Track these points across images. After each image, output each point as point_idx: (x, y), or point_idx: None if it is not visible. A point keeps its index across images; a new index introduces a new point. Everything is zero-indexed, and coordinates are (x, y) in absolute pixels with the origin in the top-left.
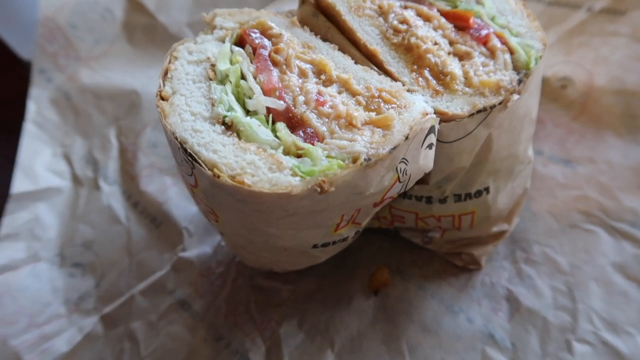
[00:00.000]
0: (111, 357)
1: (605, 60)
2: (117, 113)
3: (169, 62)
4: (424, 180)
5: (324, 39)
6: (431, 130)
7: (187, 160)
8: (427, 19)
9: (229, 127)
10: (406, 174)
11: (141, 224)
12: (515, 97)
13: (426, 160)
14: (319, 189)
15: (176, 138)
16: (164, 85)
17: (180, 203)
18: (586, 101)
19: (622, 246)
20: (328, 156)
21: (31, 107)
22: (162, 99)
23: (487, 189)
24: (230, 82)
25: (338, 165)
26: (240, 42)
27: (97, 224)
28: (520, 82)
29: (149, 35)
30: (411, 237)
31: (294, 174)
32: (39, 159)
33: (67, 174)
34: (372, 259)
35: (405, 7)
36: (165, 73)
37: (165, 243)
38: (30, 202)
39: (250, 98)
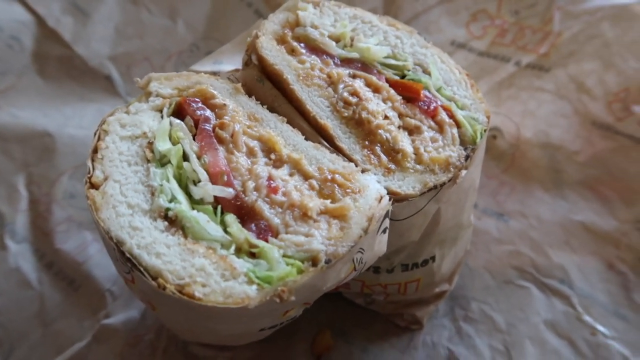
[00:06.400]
0: None
1: (532, 114)
2: (27, 158)
3: (99, 139)
4: None
5: (271, 108)
6: (386, 214)
7: (124, 262)
8: (376, 89)
9: (172, 222)
10: (362, 263)
11: (56, 287)
12: (464, 172)
13: (380, 245)
14: (278, 300)
15: (111, 238)
16: (93, 168)
17: (102, 262)
18: (515, 153)
19: (552, 303)
20: (284, 256)
21: None
22: (93, 186)
23: (433, 258)
24: (172, 164)
25: (297, 270)
26: (179, 110)
27: (4, 290)
28: (467, 157)
29: (65, 67)
30: (353, 297)
31: (250, 281)
32: None
33: None
34: (314, 320)
35: (354, 76)
36: (95, 151)
37: (86, 309)
38: None
39: (194, 183)
